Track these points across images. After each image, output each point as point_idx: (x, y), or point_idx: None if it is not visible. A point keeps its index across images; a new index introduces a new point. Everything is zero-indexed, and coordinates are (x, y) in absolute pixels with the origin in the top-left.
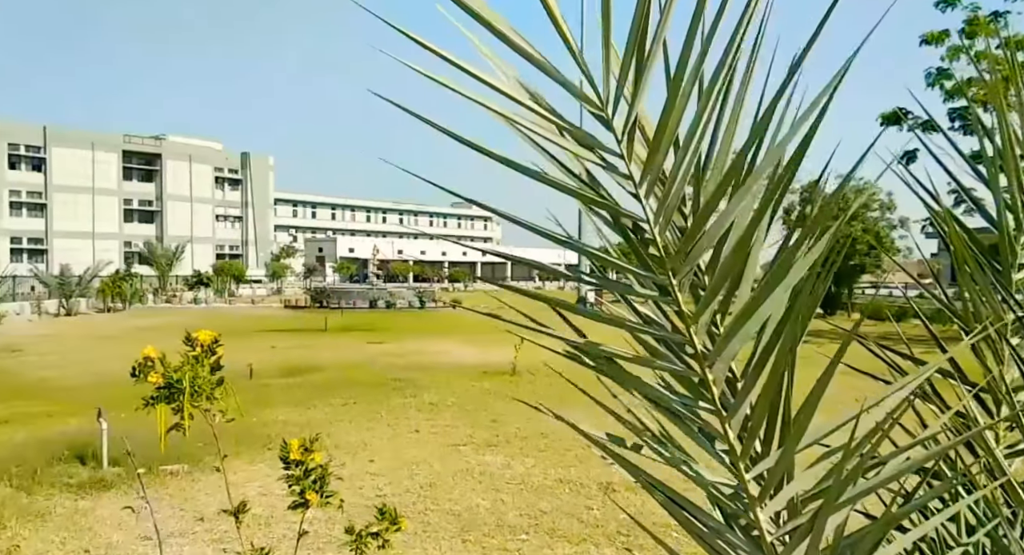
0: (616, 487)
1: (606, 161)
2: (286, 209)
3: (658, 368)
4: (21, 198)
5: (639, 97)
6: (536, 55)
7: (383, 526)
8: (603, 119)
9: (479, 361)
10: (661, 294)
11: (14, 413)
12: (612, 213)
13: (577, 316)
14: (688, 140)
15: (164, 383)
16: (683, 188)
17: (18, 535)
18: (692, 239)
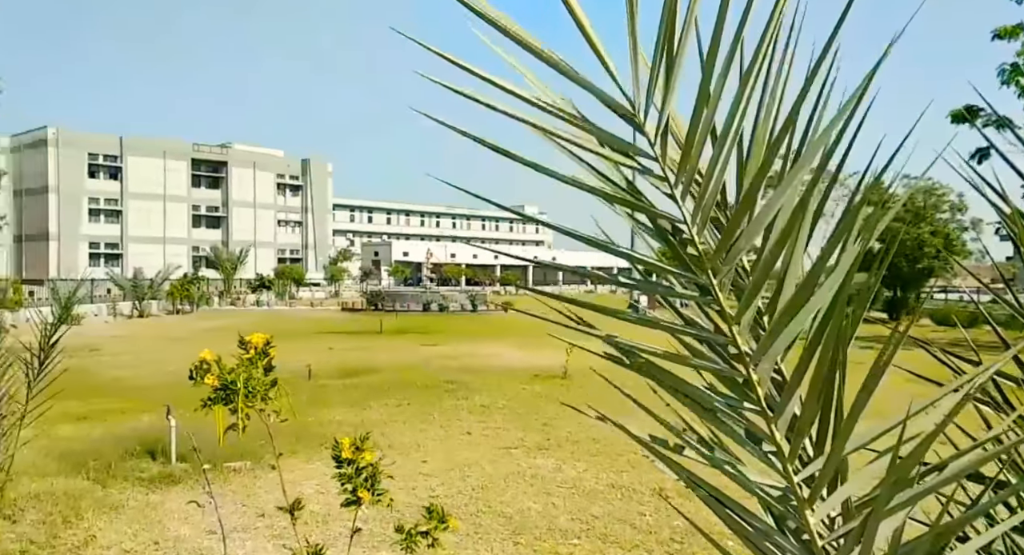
0: (669, 493)
1: (641, 165)
2: (344, 214)
3: (701, 368)
4: (99, 205)
5: (670, 98)
6: (565, 65)
7: (432, 525)
8: (635, 123)
9: (530, 364)
10: (702, 294)
11: (92, 409)
12: (649, 215)
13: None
14: (722, 137)
15: (220, 385)
16: (719, 186)
17: (94, 526)
18: (731, 238)
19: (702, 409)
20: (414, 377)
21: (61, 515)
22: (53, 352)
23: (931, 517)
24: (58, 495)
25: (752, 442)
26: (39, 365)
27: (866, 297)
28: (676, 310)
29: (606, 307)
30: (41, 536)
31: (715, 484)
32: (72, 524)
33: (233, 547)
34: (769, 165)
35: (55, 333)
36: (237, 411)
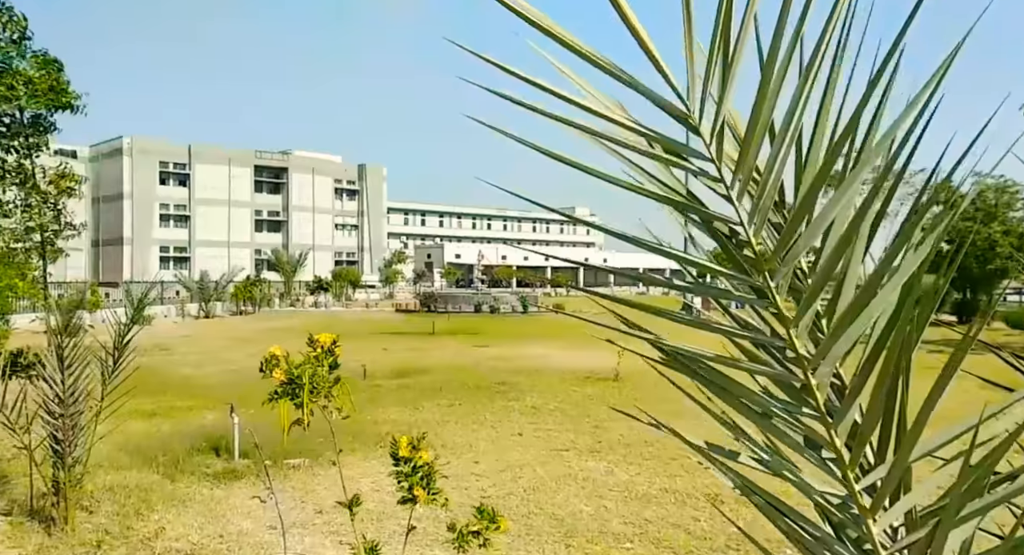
0: (725, 499)
1: (695, 166)
2: (398, 217)
3: (758, 373)
4: (169, 211)
5: (726, 99)
6: (614, 67)
7: (483, 525)
8: (689, 124)
9: (581, 366)
10: (758, 297)
11: (161, 406)
12: (704, 217)
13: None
14: (780, 138)
15: (287, 379)
16: (777, 187)
17: (164, 518)
18: (789, 240)
19: (758, 414)
20: (466, 378)
21: (133, 507)
22: (126, 351)
23: (1004, 529)
24: (131, 488)
25: (810, 448)
26: (114, 363)
27: (933, 299)
28: (729, 313)
29: (658, 308)
30: (116, 527)
31: (771, 490)
32: (144, 516)
33: (292, 542)
34: (831, 166)
35: (128, 333)
36: (302, 406)
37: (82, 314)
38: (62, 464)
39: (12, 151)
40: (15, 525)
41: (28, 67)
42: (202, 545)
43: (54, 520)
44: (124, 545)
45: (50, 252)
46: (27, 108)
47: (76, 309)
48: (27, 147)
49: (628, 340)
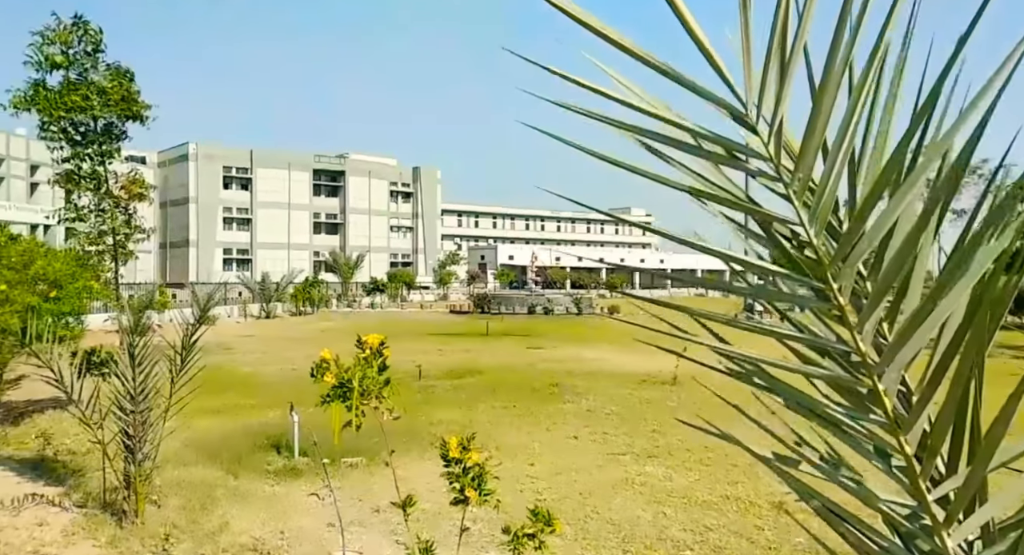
0: (790, 507)
1: (752, 166)
2: (451, 219)
3: (819, 378)
4: (232, 214)
5: (784, 96)
6: (666, 66)
7: (538, 528)
8: (746, 123)
9: (638, 369)
10: (819, 300)
11: (225, 404)
12: (762, 217)
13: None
14: (840, 136)
15: (337, 383)
16: (838, 187)
17: (228, 513)
18: (851, 241)
19: (822, 421)
20: (520, 380)
21: (199, 502)
22: (193, 350)
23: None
24: (196, 483)
25: (878, 456)
26: (181, 362)
27: (1005, 300)
28: (786, 316)
29: (714, 313)
30: (183, 521)
31: (835, 499)
32: (208, 511)
33: (350, 540)
34: (895, 165)
35: (194, 333)
36: (352, 408)
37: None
38: (133, 459)
39: (87, 158)
40: (89, 517)
41: (102, 78)
42: (264, 541)
43: (125, 513)
44: (190, 539)
45: (122, 254)
46: (100, 117)
47: (146, 309)
48: (100, 154)
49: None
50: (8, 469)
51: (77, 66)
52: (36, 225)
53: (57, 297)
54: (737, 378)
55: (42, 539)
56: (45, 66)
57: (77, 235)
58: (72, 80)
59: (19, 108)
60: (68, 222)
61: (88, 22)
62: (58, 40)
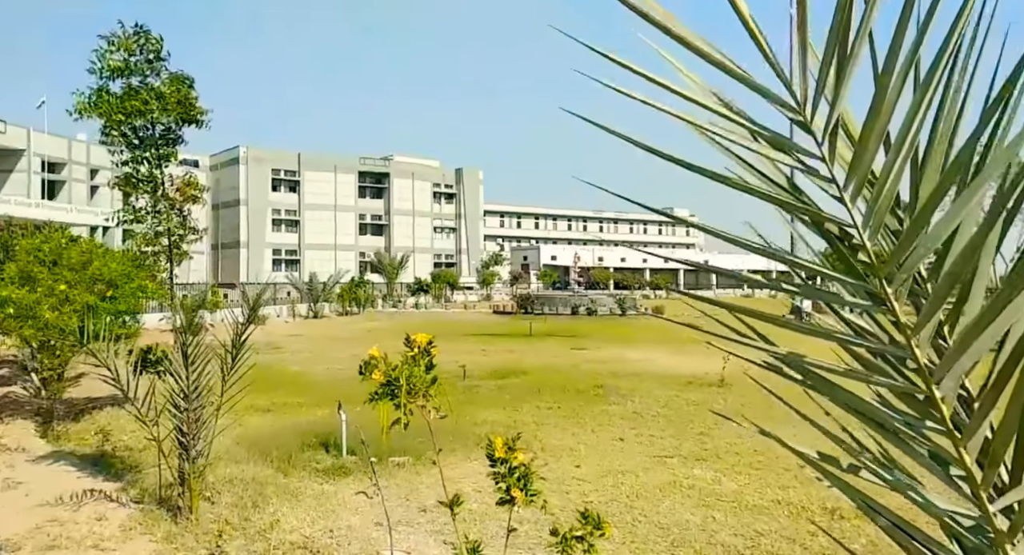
0: (844, 514)
1: (806, 165)
2: (494, 220)
3: (874, 383)
4: (281, 216)
5: (841, 95)
6: (726, 62)
7: (587, 531)
8: (800, 121)
9: (684, 370)
10: (874, 303)
11: (275, 403)
12: (814, 218)
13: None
14: (901, 137)
15: (385, 381)
16: (895, 189)
17: (278, 511)
18: (909, 244)
19: (876, 426)
20: (564, 380)
21: (251, 499)
22: (243, 349)
23: None
24: (247, 481)
25: (936, 464)
26: (232, 361)
27: None
28: (843, 318)
29: (763, 313)
30: (235, 518)
31: (892, 506)
32: (260, 508)
33: (398, 539)
34: (959, 167)
35: (245, 332)
36: (400, 407)
37: (203, 314)
38: (187, 456)
39: (145, 162)
40: (146, 512)
41: (161, 84)
42: (313, 539)
43: (180, 509)
44: (242, 535)
45: (176, 255)
46: (159, 122)
47: (198, 309)
48: (158, 158)
49: (737, 344)
50: (70, 465)
51: (138, 72)
52: (95, 227)
53: (113, 297)
54: (788, 379)
55: (101, 534)
56: (108, 72)
57: (134, 236)
58: (133, 86)
59: (83, 113)
60: (126, 223)
61: (149, 31)
62: (121, 47)
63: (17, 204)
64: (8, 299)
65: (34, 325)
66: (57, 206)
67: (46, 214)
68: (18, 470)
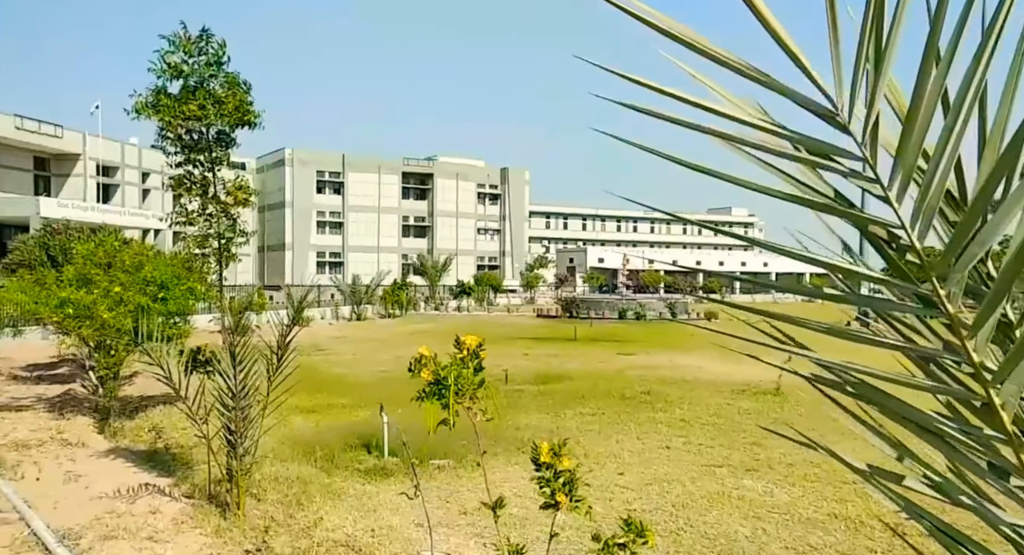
0: (907, 530)
1: (846, 168)
2: (539, 221)
3: (928, 390)
4: (325, 218)
5: (879, 93)
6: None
7: (630, 538)
8: (837, 123)
9: (737, 378)
10: (925, 306)
11: (319, 404)
12: (858, 221)
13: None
14: (946, 133)
15: (434, 379)
16: (944, 186)
17: (322, 509)
18: (960, 242)
19: (932, 436)
20: (609, 386)
21: (295, 497)
22: (288, 351)
23: None
24: (292, 479)
25: (996, 474)
26: (277, 362)
27: None
28: (893, 324)
29: (817, 322)
30: (280, 515)
31: (952, 521)
32: (304, 506)
33: (438, 540)
34: (1011, 160)
35: (290, 333)
36: (448, 406)
37: (250, 315)
38: (234, 454)
39: (198, 165)
40: (196, 507)
41: (219, 87)
42: (355, 537)
43: (228, 505)
44: (287, 532)
45: (226, 257)
46: (213, 125)
47: (245, 311)
48: (210, 161)
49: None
50: (126, 460)
51: (197, 76)
52: (147, 230)
53: (165, 298)
54: (839, 389)
55: (155, 526)
56: (167, 73)
57: (185, 239)
58: (190, 88)
59: (141, 113)
60: (178, 225)
61: (213, 35)
62: (182, 49)
63: (74, 208)
64: (68, 300)
65: (91, 325)
66: (111, 209)
67: (100, 217)
68: (79, 464)
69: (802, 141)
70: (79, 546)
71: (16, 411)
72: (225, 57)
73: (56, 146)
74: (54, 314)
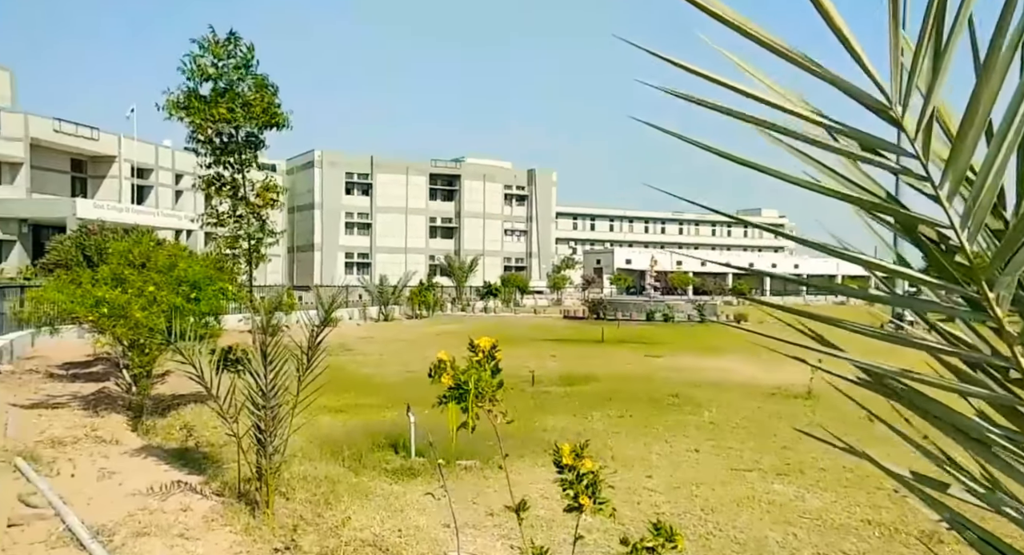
0: (944, 538)
1: (894, 164)
2: (566, 222)
3: (973, 396)
4: (354, 219)
5: (938, 86)
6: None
7: (658, 542)
8: (890, 117)
9: (768, 381)
10: (972, 310)
11: (347, 404)
12: (905, 220)
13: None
14: (1004, 128)
15: (453, 384)
16: (999, 183)
17: (349, 509)
18: (1013, 245)
19: (976, 444)
20: (636, 388)
21: (323, 496)
22: (317, 351)
23: None
24: (320, 478)
25: None
26: (307, 361)
27: None
28: (935, 327)
29: (852, 323)
30: (308, 513)
31: (989, 529)
32: (332, 505)
33: (465, 541)
34: None
35: (319, 334)
36: (469, 410)
37: (280, 315)
38: (264, 452)
39: (228, 166)
40: (226, 505)
41: (248, 90)
42: (383, 537)
43: (257, 503)
44: (315, 531)
45: (256, 258)
46: (242, 127)
47: (275, 311)
48: (240, 163)
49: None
50: (158, 458)
51: (226, 78)
52: (180, 230)
53: (197, 298)
54: (880, 394)
55: (186, 523)
56: (197, 76)
57: (216, 239)
58: (219, 90)
59: (172, 113)
60: (209, 226)
61: (240, 38)
62: (211, 52)
63: (109, 208)
64: (103, 300)
65: (126, 324)
66: (144, 210)
67: (134, 218)
68: (112, 461)
69: (854, 135)
70: (112, 542)
71: (52, 408)
72: (253, 60)
73: (92, 148)
74: (90, 313)
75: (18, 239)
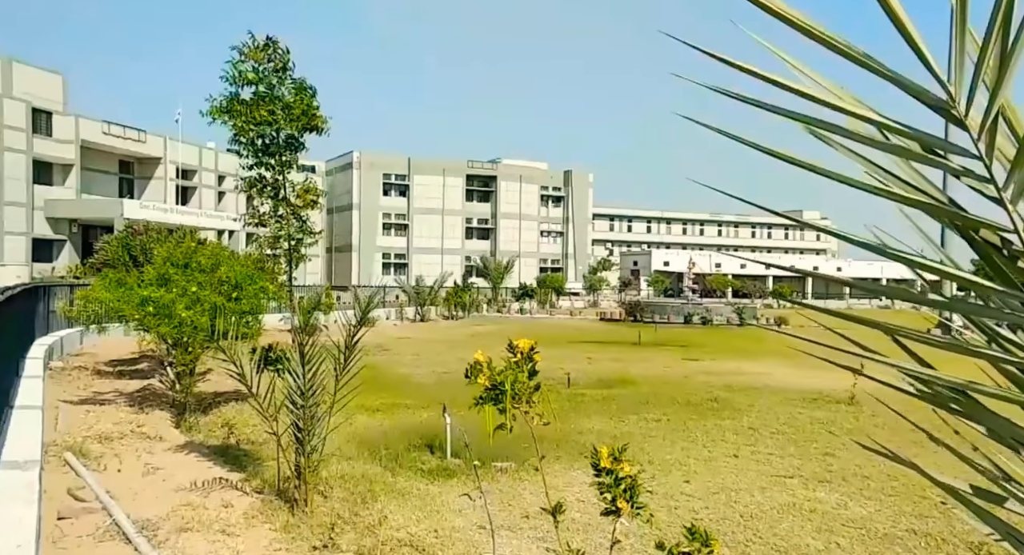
0: (993, 550)
1: (956, 164)
2: (603, 223)
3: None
4: (391, 220)
5: (1004, 84)
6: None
7: (695, 547)
8: (952, 116)
9: (809, 386)
10: None
11: (383, 404)
12: (966, 223)
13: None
14: None
15: (490, 385)
16: None
17: (386, 508)
18: None
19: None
20: (674, 392)
21: (360, 496)
22: (354, 351)
23: None
24: (357, 477)
25: None
26: (344, 361)
27: None
28: (990, 334)
29: (900, 327)
30: (346, 512)
31: None
32: (368, 505)
33: (500, 543)
34: None
35: (357, 334)
36: (505, 411)
37: (318, 315)
38: (302, 451)
39: (269, 168)
40: (266, 502)
41: (287, 93)
42: (419, 537)
43: (296, 501)
44: (353, 530)
45: (295, 258)
46: (283, 130)
47: (314, 311)
48: (281, 165)
49: (864, 360)
50: (200, 454)
51: (265, 82)
52: (223, 231)
53: (238, 298)
54: (930, 403)
55: (227, 520)
56: (239, 81)
57: (258, 240)
58: (260, 94)
59: (215, 118)
60: (251, 227)
61: (278, 42)
62: (251, 58)
63: (155, 209)
64: (148, 299)
65: (170, 323)
66: (188, 211)
67: (178, 219)
68: (156, 457)
69: (913, 135)
70: (156, 537)
71: (100, 405)
72: (291, 62)
73: (139, 150)
74: (136, 312)
75: (68, 239)
